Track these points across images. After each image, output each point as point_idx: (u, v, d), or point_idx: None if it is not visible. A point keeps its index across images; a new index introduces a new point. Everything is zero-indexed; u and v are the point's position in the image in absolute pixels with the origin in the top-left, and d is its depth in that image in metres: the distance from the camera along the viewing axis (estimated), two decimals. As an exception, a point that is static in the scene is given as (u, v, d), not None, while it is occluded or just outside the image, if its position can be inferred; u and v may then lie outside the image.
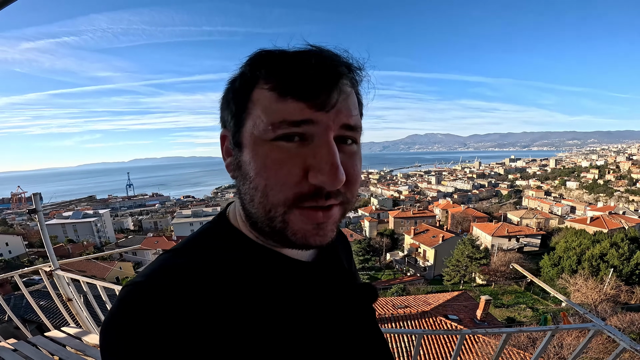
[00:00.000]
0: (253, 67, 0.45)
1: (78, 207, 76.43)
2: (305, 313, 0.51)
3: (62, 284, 3.32)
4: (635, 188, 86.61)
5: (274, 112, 0.43)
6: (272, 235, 0.48)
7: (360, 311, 0.63)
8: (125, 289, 0.43)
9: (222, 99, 0.51)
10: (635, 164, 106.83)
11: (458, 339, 1.90)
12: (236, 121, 0.47)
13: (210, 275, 0.46)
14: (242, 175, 0.47)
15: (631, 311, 18.44)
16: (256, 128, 0.44)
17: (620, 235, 29.84)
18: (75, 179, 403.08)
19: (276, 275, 0.52)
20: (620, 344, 1.69)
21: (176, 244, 0.53)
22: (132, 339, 0.38)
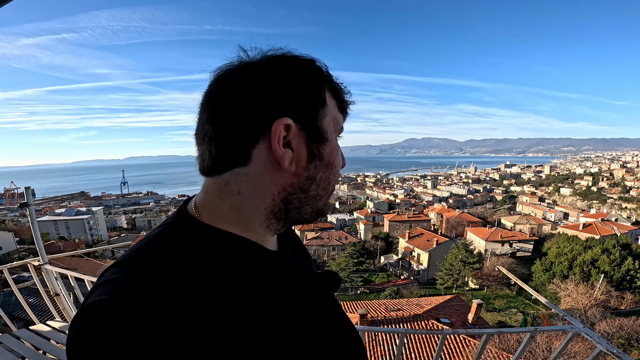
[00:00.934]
0: (322, 75, 0.56)
1: (71, 203, 75.63)
2: (285, 301, 0.54)
3: (50, 279, 3.31)
4: (628, 195, 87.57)
5: (340, 119, 0.60)
6: (316, 212, 0.59)
7: (326, 296, 0.67)
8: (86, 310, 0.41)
9: (286, 86, 0.52)
10: (629, 171, 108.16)
11: (440, 339, 1.93)
12: (316, 115, 0.54)
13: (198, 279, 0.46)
14: (324, 164, 0.56)
15: (621, 316, 18.58)
16: (334, 125, 0.58)
17: (612, 241, 30.11)
18: (70, 176, 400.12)
19: (261, 265, 0.55)
20: (597, 347, 1.72)
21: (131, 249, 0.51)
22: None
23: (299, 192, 0.55)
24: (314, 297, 0.62)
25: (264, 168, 0.52)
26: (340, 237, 44.53)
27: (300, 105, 0.52)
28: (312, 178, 0.55)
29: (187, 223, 0.55)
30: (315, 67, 0.55)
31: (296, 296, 0.57)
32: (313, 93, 0.53)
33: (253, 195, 0.53)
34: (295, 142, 0.52)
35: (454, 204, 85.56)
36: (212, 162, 0.53)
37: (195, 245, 0.51)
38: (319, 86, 0.54)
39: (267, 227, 0.56)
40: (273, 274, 0.55)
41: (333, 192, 0.61)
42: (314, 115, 0.53)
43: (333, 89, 0.57)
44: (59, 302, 3.34)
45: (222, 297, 0.46)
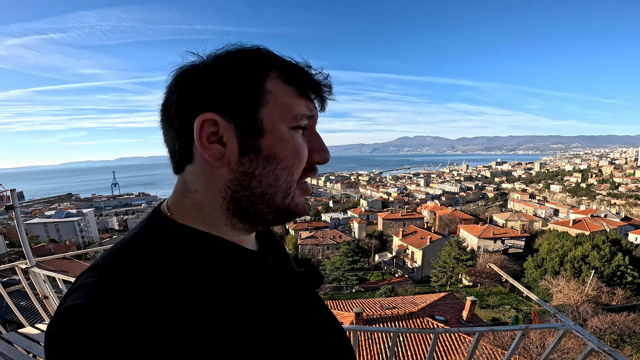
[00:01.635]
0: (262, 62, 0.52)
1: (60, 205, 74.50)
2: (266, 301, 0.53)
3: (39, 282, 3.25)
4: (617, 192, 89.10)
5: (297, 105, 0.53)
6: (278, 212, 0.55)
7: (309, 295, 0.66)
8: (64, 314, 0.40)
9: (211, 78, 0.51)
10: (617, 168, 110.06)
11: (432, 338, 1.93)
12: (249, 106, 0.50)
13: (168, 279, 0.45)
14: (263, 158, 0.52)
15: (612, 312, 18.82)
16: (279, 115, 0.52)
17: (601, 237, 30.62)
18: (59, 177, 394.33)
19: (237, 265, 0.54)
20: (588, 345, 1.73)
21: (107, 251, 0.51)
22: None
23: (241, 189, 0.52)
24: (294, 295, 0.61)
25: (205, 164, 0.52)
26: (335, 236, 44.62)
27: (227, 98, 0.50)
28: (249, 173, 0.52)
29: (161, 223, 0.55)
30: (254, 57, 0.52)
31: (276, 295, 0.56)
32: (243, 84, 0.50)
33: (205, 193, 0.53)
34: (226, 137, 0.50)
35: (446, 202, 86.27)
36: (173, 161, 0.55)
37: (169, 244, 0.50)
38: (254, 75, 0.51)
39: (232, 226, 0.55)
40: (251, 272, 0.55)
41: (289, 190, 0.54)
42: (245, 107, 0.50)
43: (287, 73, 0.53)
44: (48, 304, 3.29)
45: (198, 297, 0.45)
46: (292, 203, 0.55)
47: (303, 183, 0.57)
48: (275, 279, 0.59)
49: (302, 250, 42.88)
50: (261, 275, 0.57)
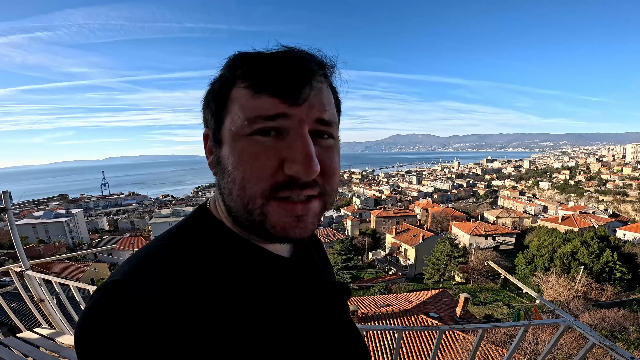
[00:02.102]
0: (231, 68, 0.49)
1: (49, 206, 73.16)
2: (287, 309, 0.52)
3: (34, 285, 3.18)
4: (604, 188, 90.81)
5: (249, 108, 0.46)
6: (252, 229, 0.50)
7: (336, 308, 0.64)
8: (103, 289, 0.42)
9: (204, 100, 0.53)
10: (605, 165, 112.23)
11: (437, 335, 1.95)
12: (216, 119, 0.50)
13: (195, 272, 0.46)
14: (221, 170, 0.50)
15: (602, 308, 19.10)
16: (234, 124, 0.47)
17: (590, 234, 31.17)
18: (47, 177, 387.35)
19: (262, 270, 0.53)
20: (590, 340, 1.75)
21: (160, 235, 0.53)
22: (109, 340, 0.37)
23: (222, 199, 0.53)
24: (320, 307, 0.59)
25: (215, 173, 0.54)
26: (328, 234, 44.71)
27: (206, 115, 0.53)
28: (218, 184, 0.52)
29: (202, 217, 0.57)
30: (227, 66, 0.50)
31: (299, 305, 0.55)
32: (214, 97, 0.51)
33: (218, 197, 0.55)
34: (210, 150, 0.53)
35: (438, 199, 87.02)
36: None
37: (207, 244, 0.51)
38: (222, 86, 0.50)
39: (248, 234, 0.54)
40: (276, 279, 0.54)
41: (248, 205, 0.47)
42: (215, 120, 0.51)
43: (245, 74, 0.47)
44: (44, 308, 3.22)
45: (221, 302, 0.45)
46: (264, 221, 0.48)
47: (283, 199, 0.47)
48: (301, 288, 0.57)
49: (295, 249, 42.76)
50: (286, 283, 0.55)
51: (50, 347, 2.50)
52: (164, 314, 0.39)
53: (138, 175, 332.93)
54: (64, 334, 2.87)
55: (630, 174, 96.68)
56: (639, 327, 15.46)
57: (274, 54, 0.47)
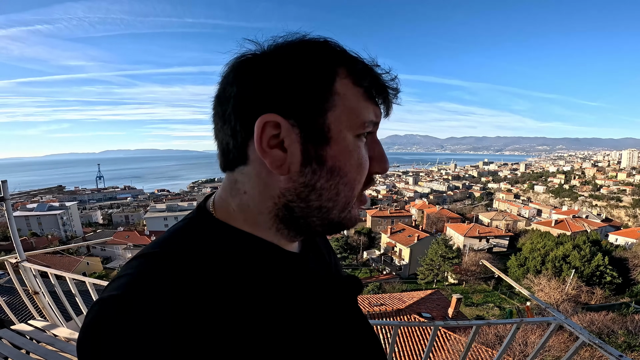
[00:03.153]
0: (332, 59, 0.46)
1: (44, 198, 72.60)
2: (303, 305, 0.52)
3: (29, 277, 3.18)
4: (598, 193, 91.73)
5: (365, 110, 0.47)
6: (329, 226, 0.51)
7: (348, 302, 0.63)
8: (101, 304, 0.39)
9: (275, 74, 0.45)
10: (600, 170, 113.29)
11: (432, 330, 1.99)
12: (314, 109, 0.45)
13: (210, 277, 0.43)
14: (326, 170, 0.46)
15: (591, 311, 19.35)
16: (347, 122, 0.46)
17: (582, 237, 31.53)
18: (42, 169, 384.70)
19: (278, 268, 0.52)
20: (580, 338, 1.78)
21: (153, 243, 0.50)
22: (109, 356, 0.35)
23: (297, 200, 0.48)
24: (332, 301, 0.58)
25: (261, 168, 0.47)
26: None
27: (292, 98, 0.44)
28: (309, 185, 0.47)
29: (202, 219, 0.53)
30: (322, 52, 0.46)
31: (313, 300, 0.54)
32: (311, 83, 0.45)
33: (255, 196, 0.49)
34: (288, 142, 0.45)
35: (434, 200, 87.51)
36: (225, 158, 0.51)
37: (209, 243, 0.48)
38: (323, 73, 0.45)
39: (276, 230, 0.51)
40: (288, 275, 0.52)
41: (347, 205, 0.49)
42: (312, 110, 0.45)
43: (357, 72, 0.47)
44: (38, 300, 3.22)
45: (233, 297, 0.43)
46: (347, 216, 0.51)
47: (360, 194, 0.52)
48: (314, 284, 0.56)
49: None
50: (299, 279, 0.54)
51: (44, 340, 2.50)
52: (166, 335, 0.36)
53: (134, 169, 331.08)
54: (58, 327, 2.87)
55: (625, 179, 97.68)
56: (627, 330, 15.64)
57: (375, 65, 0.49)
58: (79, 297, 2.99)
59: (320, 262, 0.65)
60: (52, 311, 3.23)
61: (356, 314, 0.64)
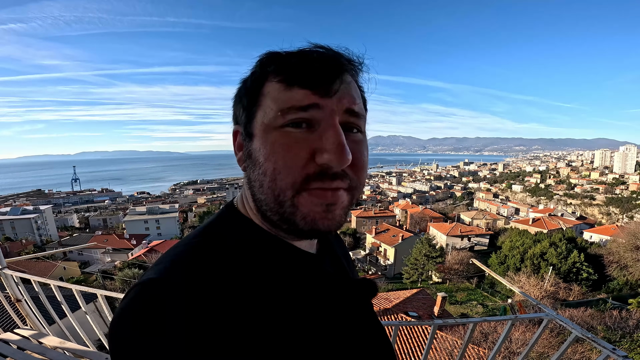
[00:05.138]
0: (263, 65, 0.50)
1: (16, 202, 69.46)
2: (315, 305, 0.52)
3: (10, 284, 3.04)
4: (573, 192, 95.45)
5: (282, 100, 0.47)
6: (282, 222, 0.50)
7: (362, 304, 0.64)
8: (140, 286, 0.43)
9: (235, 97, 0.55)
10: (573, 170, 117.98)
11: (431, 329, 2.02)
12: (247, 114, 0.51)
13: (228, 268, 0.47)
14: (252, 163, 0.50)
15: (570, 307, 19.91)
16: (266, 116, 0.48)
17: (558, 235, 32.53)
18: (15, 172, 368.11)
19: (290, 267, 0.53)
20: (572, 332, 1.83)
21: (189, 235, 0.54)
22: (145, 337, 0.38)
23: (251, 194, 0.53)
24: (347, 304, 0.59)
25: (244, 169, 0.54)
26: (329, 234, 44.60)
27: (237, 110, 0.54)
28: (249, 178, 0.52)
29: (230, 215, 0.57)
30: (258, 63, 0.51)
31: (327, 300, 0.55)
32: (246, 93, 0.52)
33: (247, 192, 0.56)
34: (239, 144, 0.55)
35: (417, 200, 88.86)
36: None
37: (235, 239, 0.52)
38: (254, 82, 0.51)
39: (276, 230, 0.54)
40: (304, 276, 0.54)
41: (278, 197, 0.48)
42: (247, 116, 0.52)
43: (280, 68, 0.48)
44: (21, 308, 3.08)
45: (247, 296, 0.45)
46: (295, 212, 0.47)
47: (314, 189, 0.47)
48: (329, 285, 0.57)
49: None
50: (315, 279, 0.56)
51: (32, 349, 2.41)
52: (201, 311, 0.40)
53: (112, 171, 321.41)
54: (46, 335, 2.76)
55: (598, 178, 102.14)
56: (606, 326, 16.15)
57: (304, 50, 0.49)
58: (65, 304, 2.88)
59: (335, 265, 0.66)
60: (37, 319, 3.10)
61: (370, 316, 0.65)
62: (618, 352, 1.61)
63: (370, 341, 0.62)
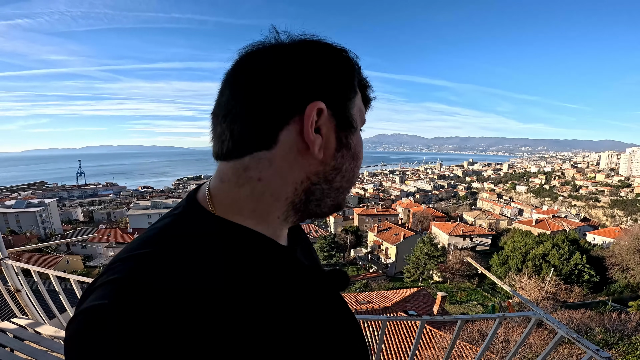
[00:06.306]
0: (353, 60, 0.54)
1: (22, 195, 70.12)
2: (294, 296, 0.52)
3: (11, 274, 3.10)
4: (577, 194, 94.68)
5: (363, 111, 0.57)
6: (334, 206, 0.56)
7: (335, 295, 0.63)
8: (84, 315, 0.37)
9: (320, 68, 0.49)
10: (579, 171, 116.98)
11: (419, 325, 2.04)
12: (347, 101, 0.52)
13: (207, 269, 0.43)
14: (350, 155, 0.53)
15: (570, 309, 19.76)
16: (360, 117, 0.55)
17: (561, 237, 32.41)
18: (21, 165, 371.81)
19: (272, 261, 0.52)
20: (558, 332, 1.86)
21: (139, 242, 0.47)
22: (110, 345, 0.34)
23: (323, 182, 0.52)
24: (322, 295, 0.59)
25: (289, 153, 0.48)
26: (311, 230, 44.82)
27: (333, 90, 0.50)
28: (338, 168, 0.52)
29: (198, 215, 0.51)
30: (347, 56, 0.53)
31: (305, 294, 0.54)
32: (346, 80, 0.51)
33: (275, 182, 0.50)
34: (325, 129, 0.49)
35: (420, 199, 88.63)
36: (234, 144, 0.49)
37: (207, 243, 0.47)
38: (351, 74, 0.52)
39: (284, 219, 0.53)
40: (284, 271, 0.53)
41: (348, 190, 0.57)
42: (346, 103, 0.51)
43: (360, 80, 0.55)
44: (20, 298, 3.14)
45: (231, 302, 0.42)
46: (346, 198, 0.58)
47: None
48: (304, 277, 0.57)
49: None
50: (291, 272, 0.55)
51: (29, 338, 2.46)
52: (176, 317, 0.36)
53: (117, 166, 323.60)
54: (42, 324, 2.82)
55: (603, 180, 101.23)
56: (605, 328, 16.08)
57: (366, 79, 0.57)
58: (63, 295, 2.94)
59: (307, 256, 0.67)
60: (35, 309, 3.17)
61: (342, 306, 0.64)
62: (601, 354, 1.62)
63: (344, 332, 0.61)
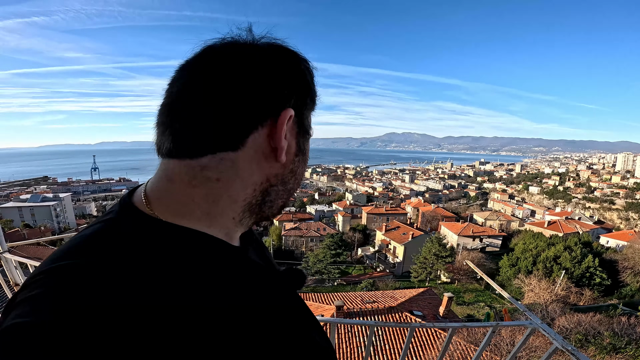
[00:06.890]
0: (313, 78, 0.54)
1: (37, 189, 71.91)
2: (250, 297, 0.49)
3: (10, 268, 3.15)
4: (592, 196, 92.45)
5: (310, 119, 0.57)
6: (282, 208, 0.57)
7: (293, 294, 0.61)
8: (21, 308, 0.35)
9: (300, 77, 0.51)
10: (594, 173, 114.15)
11: (408, 332, 1.98)
12: (309, 110, 0.55)
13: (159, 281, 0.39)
14: (304, 160, 0.56)
15: (579, 312, 19.35)
16: (309, 122, 0.56)
17: (574, 239, 31.74)
18: (37, 160, 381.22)
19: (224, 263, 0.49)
20: (553, 343, 1.80)
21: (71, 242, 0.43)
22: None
23: (279, 184, 0.53)
24: (279, 295, 0.56)
25: (254, 155, 0.48)
26: (319, 228, 44.74)
27: (300, 98, 0.51)
28: (294, 171, 0.54)
29: (135, 219, 0.46)
30: (310, 67, 0.53)
31: (261, 294, 0.51)
32: (310, 90, 0.53)
33: (235, 183, 0.48)
34: (289, 135, 0.51)
35: (429, 199, 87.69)
36: (193, 141, 0.46)
37: (146, 251, 0.41)
38: (313, 85, 0.53)
39: (239, 221, 0.52)
40: (237, 272, 0.50)
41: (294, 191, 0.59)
42: (308, 112, 0.54)
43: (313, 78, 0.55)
44: (20, 293, 3.19)
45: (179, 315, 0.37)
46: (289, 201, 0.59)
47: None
48: (260, 276, 0.55)
49: (285, 241, 42.84)
50: (245, 273, 0.52)
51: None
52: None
53: (130, 161, 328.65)
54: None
55: (619, 182, 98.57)
56: (613, 332, 15.71)
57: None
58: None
59: (261, 256, 0.64)
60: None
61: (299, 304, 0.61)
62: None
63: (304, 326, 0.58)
